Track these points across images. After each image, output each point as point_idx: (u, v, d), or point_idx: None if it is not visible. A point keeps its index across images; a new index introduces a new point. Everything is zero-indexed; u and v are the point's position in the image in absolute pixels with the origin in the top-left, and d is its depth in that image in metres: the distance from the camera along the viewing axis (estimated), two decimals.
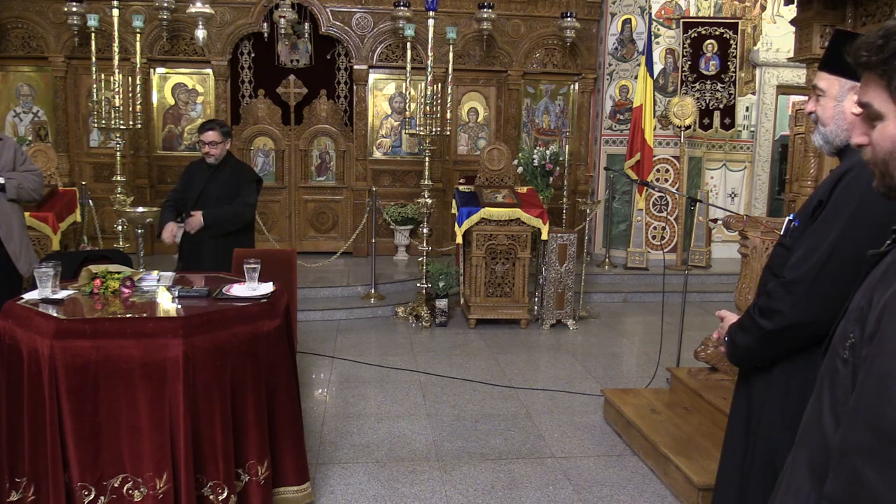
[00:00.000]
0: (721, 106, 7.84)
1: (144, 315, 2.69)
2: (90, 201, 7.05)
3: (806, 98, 1.94)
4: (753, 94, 8.65)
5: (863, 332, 1.03)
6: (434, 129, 6.06)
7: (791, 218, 1.93)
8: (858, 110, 1.17)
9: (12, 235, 3.98)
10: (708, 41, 7.78)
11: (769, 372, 1.88)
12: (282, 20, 7.33)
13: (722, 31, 7.78)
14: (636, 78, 7.82)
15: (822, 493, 1.03)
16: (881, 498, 0.92)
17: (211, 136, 4.42)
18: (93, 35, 5.89)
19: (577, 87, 8.66)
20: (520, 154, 7.03)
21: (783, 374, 1.85)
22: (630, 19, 8.03)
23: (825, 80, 1.83)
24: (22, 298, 2.76)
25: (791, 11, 4.96)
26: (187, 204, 4.49)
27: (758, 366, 1.93)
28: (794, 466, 1.19)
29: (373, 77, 8.36)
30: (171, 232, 4.42)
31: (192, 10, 6.76)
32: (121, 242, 6.00)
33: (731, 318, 2.03)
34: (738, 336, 1.93)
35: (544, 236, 6.07)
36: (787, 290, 1.77)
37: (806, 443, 1.17)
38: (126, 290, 2.92)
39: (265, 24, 7.83)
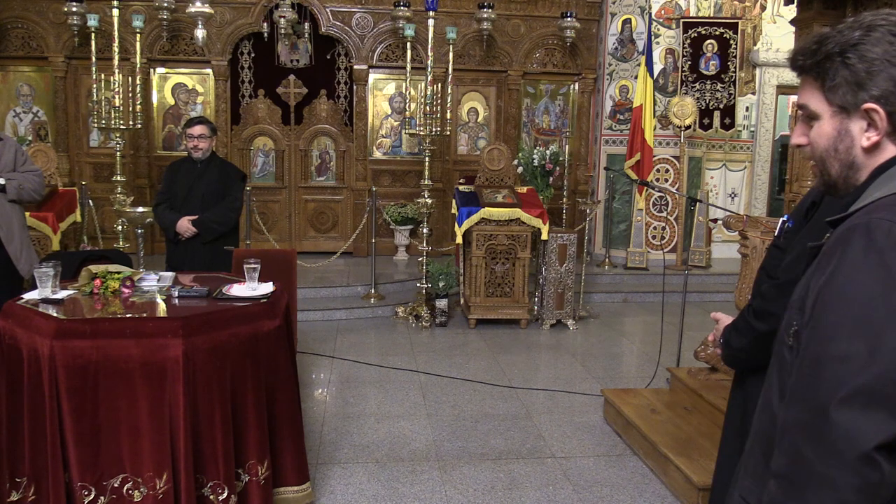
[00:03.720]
0: (721, 106, 7.84)
1: (144, 315, 2.69)
2: (90, 201, 7.05)
3: None
4: (753, 94, 8.65)
5: (802, 320, 1.11)
6: (434, 129, 6.07)
7: (785, 219, 1.93)
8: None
9: (13, 236, 3.98)
10: (708, 41, 7.78)
11: (764, 372, 1.88)
12: (282, 20, 7.33)
13: (722, 31, 7.78)
14: (636, 78, 7.82)
15: (769, 468, 1.11)
16: (816, 469, 1.00)
17: (199, 129, 4.42)
18: (93, 35, 5.89)
19: (577, 87, 8.66)
20: (520, 154, 7.03)
21: None
22: (630, 19, 8.03)
23: None
24: (22, 298, 2.76)
25: (791, 11, 4.96)
26: (175, 203, 4.47)
27: (753, 366, 1.93)
28: (751, 450, 1.26)
29: (373, 77, 8.36)
30: (187, 226, 4.37)
31: (192, 9, 6.76)
32: (121, 242, 6.01)
33: (726, 319, 2.03)
34: (733, 338, 1.93)
35: (544, 236, 6.07)
36: (781, 292, 1.76)
37: (759, 427, 1.24)
38: (126, 290, 2.93)
39: (265, 24, 7.83)
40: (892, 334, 0.98)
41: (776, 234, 1.95)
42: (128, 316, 2.65)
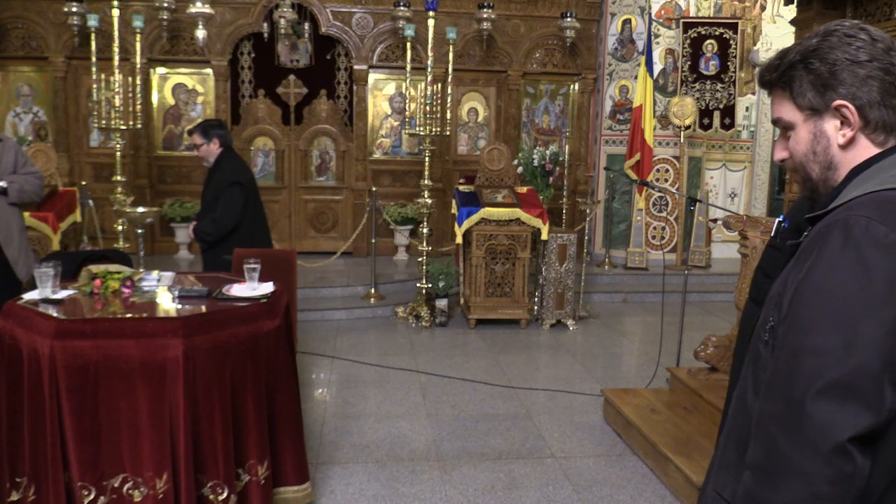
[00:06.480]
0: (721, 106, 7.84)
1: (144, 315, 2.69)
2: (90, 201, 7.05)
3: None
4: (753, 94, 8.64)
5: (779, 315, 1.12)
6: (434, 129, 6.06)
7: (780, 219, 1.93)
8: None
9: (11, 240, 3.96)
10: (708, 41, 7.78)
11: None
12: (282, 20, 7.33)
13: (722, 31, 7.78)
14: (636, 78, 7.82)
15: (743, 460, 1.12)
16: (791, 460, 1.02)
17: (195, 139, 4.53)
18: (93, 35, 5.89)
19: (576, 87, 8.66)
20: (520, 154, 7.01)
21: None
22: (630, 19, 8.03)
23: None
24: (22, 298, 2.76)
25: (791, 11, 4.96)
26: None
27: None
28: (726, 443, 1.27)
29: (373, 77, 8.36)
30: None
31: (192, 10, 6.76)
32: (121, 242, 6.00)
33: None
34: None
35: (544, 236, 6.07)
36: None
37: (733, 421, 1.25)
38: (126, 290, 2.93)
39: (265, 25, 7.83)
40: (868, 328, 1.00)
41: (772, 234, 1.95)
42: (128, 316, 2.65)
